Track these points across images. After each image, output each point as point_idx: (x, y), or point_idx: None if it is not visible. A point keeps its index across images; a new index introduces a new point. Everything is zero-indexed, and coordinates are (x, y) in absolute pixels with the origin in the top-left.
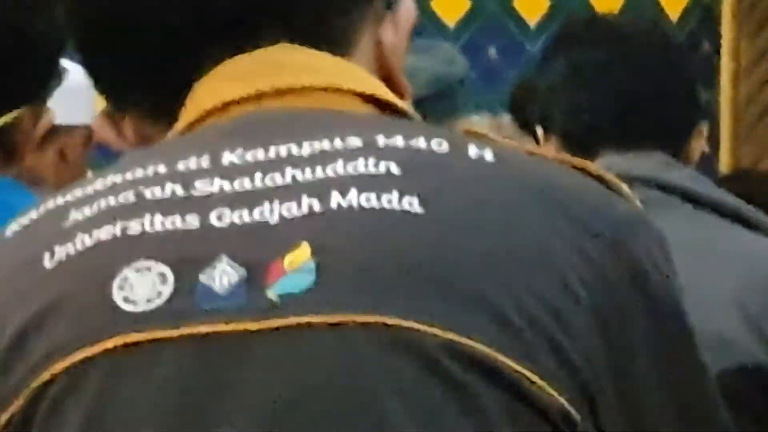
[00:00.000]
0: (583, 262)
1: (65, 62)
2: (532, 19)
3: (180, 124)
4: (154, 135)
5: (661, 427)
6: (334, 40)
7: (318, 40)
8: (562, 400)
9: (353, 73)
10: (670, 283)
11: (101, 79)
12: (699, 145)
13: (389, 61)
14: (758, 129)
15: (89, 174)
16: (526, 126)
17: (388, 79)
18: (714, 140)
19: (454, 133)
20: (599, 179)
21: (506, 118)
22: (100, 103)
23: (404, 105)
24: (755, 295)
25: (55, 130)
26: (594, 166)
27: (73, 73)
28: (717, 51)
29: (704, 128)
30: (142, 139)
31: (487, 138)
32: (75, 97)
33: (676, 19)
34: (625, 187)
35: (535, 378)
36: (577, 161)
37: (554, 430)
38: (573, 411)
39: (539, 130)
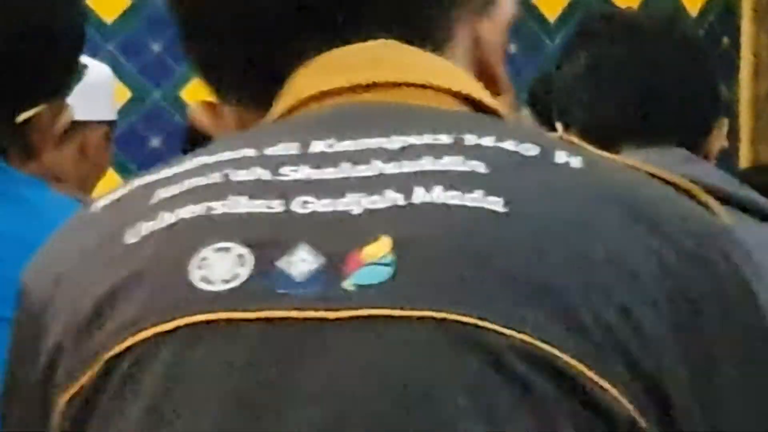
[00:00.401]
0: (665, 273)
1: (85, 58)
2: (552, 14)
3: (275, 112)
4: (255, 123)
5: None
6: (431, 35)
7: (415, 35)
8: (630, 408)
9: (449, 71)
10: (755, 300)
11: (204, 67)
12: (718, 141)
13: (487, 57)
14: None
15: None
16: (545, 121)
17: (486, 76)
18: (733, 135)
19: (546, 138)
20: (688, 193)
21: (525, 113)
22: (119, 99)
23: (498, 104)
24: None
25: (75, 127)
26: (684, 180)
27: (93, 69)
28: (736, 46)
29: (724, 123)
30: (243, 127)
31: (579, 146)
32: (95, 93)
33: (695, 14)
34: (713, 202)
35: (605, 385)
36: (668, 175)
37: None
38: (642, 420)
39: (559, 125)
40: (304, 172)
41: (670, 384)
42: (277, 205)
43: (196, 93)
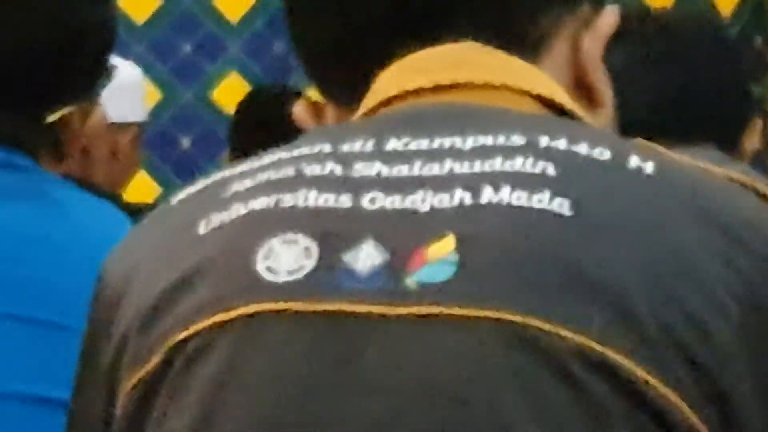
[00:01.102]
0: (735, 276)
1: (115, 59)
2: None
3: (360, 111)
4: None
5: None
6: (524, 42)
7: (507, 41)
8: (689, 412)
9: (530, 74)
10: None
11: (307, 66)
12: (752, 141)
13: (585, 67)
14: None
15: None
16: None
17: (583, 86)
18: (766, 136)
19: (620, 142)
20: (764, 197)
21: None
22: (150, 100)
23: (579, 109)
24: None
25: (106, 128)
26: (762, 185)
27: (124, 70)
28: None
29: (757, 123)
30: None
31: (654, 150)
32: (125, 94)
33: (728, 15)
34: None
35: (666, 391)
36: (747, 179)
37: None
38: (700, 424)
39: None
40: (376, 169)
41: (735, 392)
42: (345, 200)
43: (226, 93)
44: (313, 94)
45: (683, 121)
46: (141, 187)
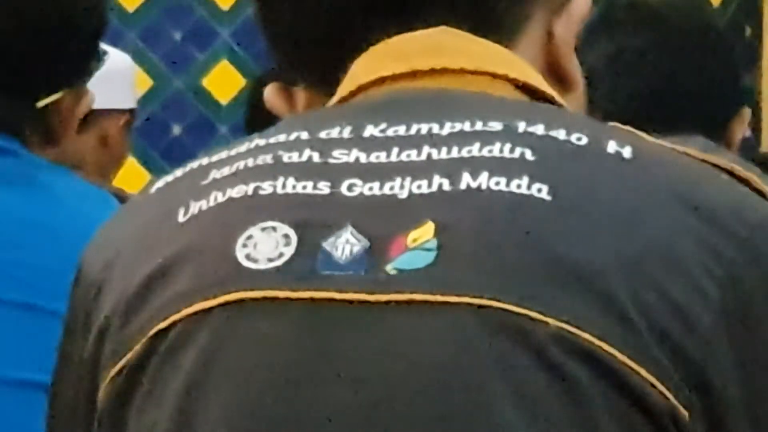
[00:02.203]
0: (715, 260)
1: (106, 47)
2: None
3: (336, 97)
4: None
5: None
6: (499, 27)
7: (482, 26)
8: (671, 396)
9: (507, 59)
10: None
11: (277, 50)
12: (740, 130)
13: (558, 52)
14: None
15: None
16: None
17: (556, 71)
18: (756, 125)
19: (597, 127)
20: (746, 182)
21: None
22: (140, 87)
23: (555, 94)
24: None
25: (95, 115)
26: (741, 169)
27: (114, 57)
28: (759, 35)
29: (746, 112)
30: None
31: (632, 134)
32: (115, 81)
33: (718, 4)
34: None
35: (646, 375)
36: (725, 163)
37: (657, 426)
38: (682, 409)
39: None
40: (354, 156)
41: (717, 377)
42: (324, 187)
43: (217, 81)
44: None
45: (672, 109)
46: (131, 175)
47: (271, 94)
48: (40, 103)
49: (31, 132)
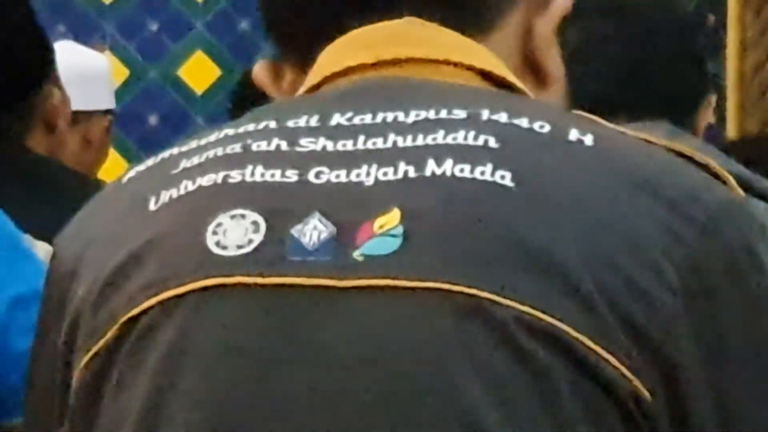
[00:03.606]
0: (675, 243)
1: (82, 48)
2: None
3: (304, 87)
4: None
5: (754, 409)
6: (472, 19)
7: (455, 19)
8: (632, 377)
9: (473, 50)
10: (765, 272)
11: (269, 24)
12: (706, 116)
13: (536, 48)
14: (764, 100)
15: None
16: None
17: (533, 66)
18: (720, 111)
19: (560, 115)
20: (705, 167)
21: None
22: (116, 78)
23: (519, 83)
24: None
25: (78, 117)
26: (700, 154)
27: (93, 59)
28: (723, 24)
29: (711, 99)
30: (295, 91)
31: (594, 122)
32: (96, 83)
33: None
34: (729, 176)
35: (606, 355)
36: (685, 149)
37: (620, 408)
38: (643, 389)
39: None
40: (321, 144)
41: (678, 358)
42: (292, 175)
43: (192, 71)
44: None
45: (638, 96)
46: (108, 165)
47: (260, 69)
48: (34, 97)
49: (31, 124)
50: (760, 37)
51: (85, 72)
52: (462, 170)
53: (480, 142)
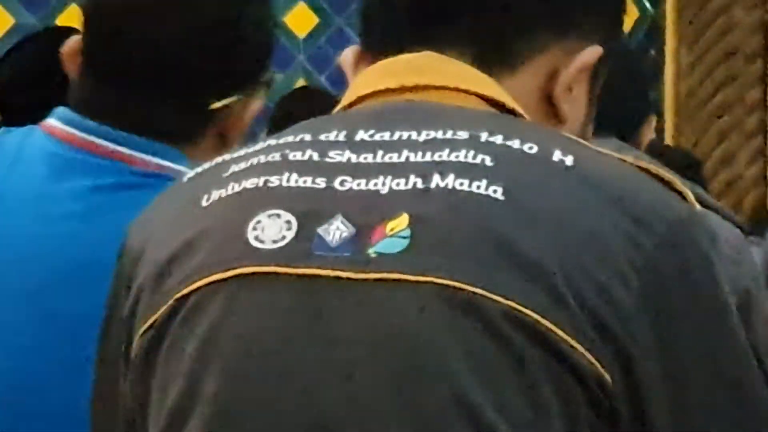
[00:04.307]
0: (637, 252)
1: None
2: None
3: (340, 105)
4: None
5: (708, 399)
6: (503, 57)
7: (488, 55)
8: (597, 363)
9: (479, 79)
10: (717, 280)
11: (363, 17)
12: (648, 133)
13: (554, 89)
14: (695, 120)
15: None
16: None
17: (549, 104)
18: (659, 129)
19: (547, 138)
20: (668, 184)
21: None
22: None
23: (517, 107)
24: None
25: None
26: (665, 172)
27: None
28: (661, 56)
29: (652, 119)
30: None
31: (576, 144)
32: None
33: (627, 30)
34: (689, 192)
35: (577, 345)
36: (653, 168)
37: (586, 389)
38: (606, 375)
39: None
40: (346, 156)
41: (635, 349)
42: (321, 182)
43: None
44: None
45: (595, 118)
46: None
47: (350, 51)
48: (213, 106)
49: (202, 135)
50: (692, 69)
51: None
52: (462, 184)
53: (478, 160)
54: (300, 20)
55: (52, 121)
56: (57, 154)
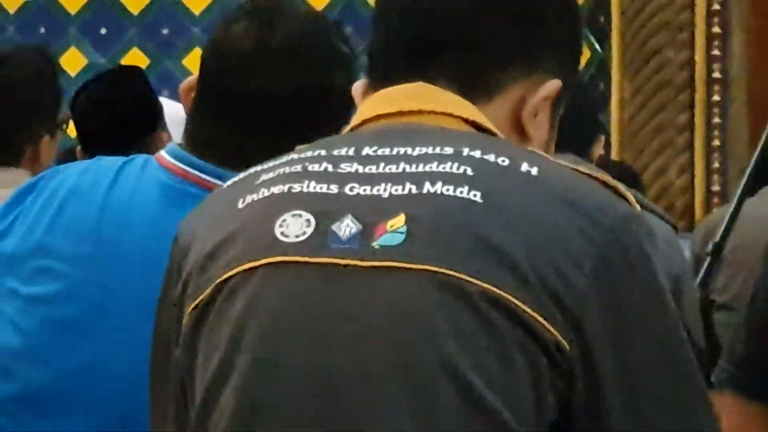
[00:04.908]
0: (588, 243)
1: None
2: None
3: (349, 126)
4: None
5: (645, 363)
6: (482, 88)
7: (471, 86)
8: (555, 332)
9: (463, 105)
10: (654, 266)
11: (369, 55)
12: (598, 150)
13: (523, 114)
14: (635, 140)
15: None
16: None
17: (519, 126)
18: (607, 147)
19: (517, 152)
20: (613, 189)
21: None
22: None
23: (493, 128)
24: None
25: None
26: (610, 179)
27: (181, 109)
28: (608, 88)
29: (601, 138)
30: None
31: (541, 157)
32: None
33: (581, 67)
34: (630, 195)
35: (539, 317)
36: (601, 177)
37: (547, 353)
38: (563, 340)
39: None
40: (354, 168)
41: (587, 322)
42: (334, 189)
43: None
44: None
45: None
46: None
47: (360, 84)
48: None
49: None
50: (632, 98)
51: (177, 118)
52: (448, 189)
53: (461, 171)
54: None
55: (165, 156)
56: (169, 184)
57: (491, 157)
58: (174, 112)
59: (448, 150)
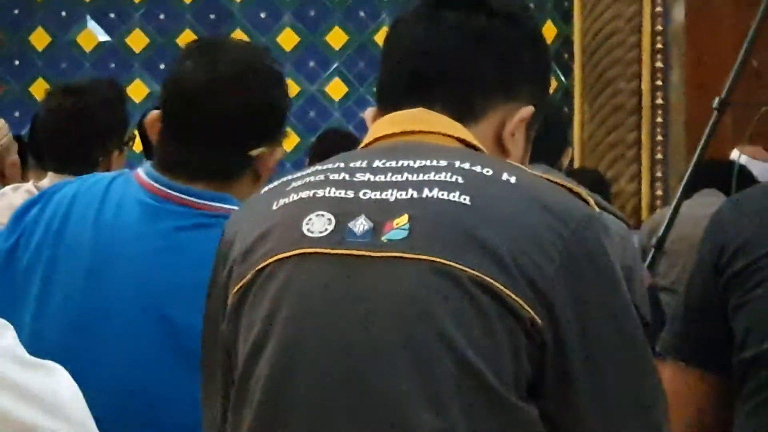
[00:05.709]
0: (557, 238)
1: None
2: None
3: (362, 144)
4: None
5: (602, 334)
6: (470, 112)
7: (460, 111)
8: (533, 313)
9: (455, 127)
10: (608, 257)
11: (379, 84)
12: (566, 161)
13: (502, 134)
14: (594, 154)
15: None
16: None
17: (500, 143)
18: (570, 159)
19: (499, 164)
20: (577, 194)
21: None
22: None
23: (479, 145)
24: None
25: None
26: (575, 186)
27: None
28: (571, 111)
29: (569, 152)
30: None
31: (518, 168)
32: None
33: (549, 95)
34: (591, 199)
35: (517, 299)
36: (568, 184)
37: (524, 328)
38: (537, 317)
39: None
40: (367, 177)
41: (557, 303)
42: (350, 194)
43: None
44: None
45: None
46: None
47: (370, 112)
48: (252, 153)
49: (243, 174)
50: (591, 120)
51: None
52: (443, 194)
53: (453, 179)
54: (336, 89)
55: (142, 175)
56: (147, 202)
57: (478, 168)
58: None
59: (443, 162)
